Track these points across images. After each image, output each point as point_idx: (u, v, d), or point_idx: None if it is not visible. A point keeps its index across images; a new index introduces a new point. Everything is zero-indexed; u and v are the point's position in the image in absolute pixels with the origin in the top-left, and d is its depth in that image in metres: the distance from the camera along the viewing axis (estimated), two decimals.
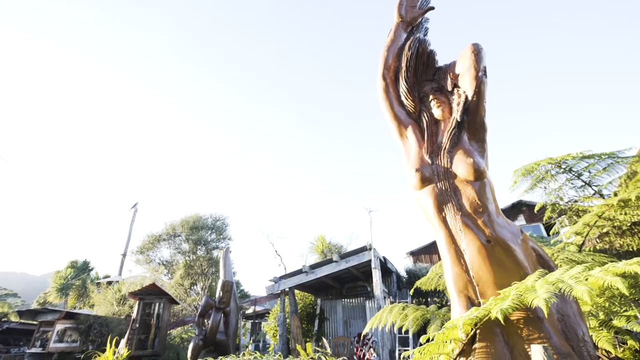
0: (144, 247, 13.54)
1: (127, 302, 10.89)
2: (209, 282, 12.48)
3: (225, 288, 6.78)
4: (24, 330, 13.23)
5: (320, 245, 12.49)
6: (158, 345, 7.53)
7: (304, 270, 8.85)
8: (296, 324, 8.62)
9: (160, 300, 7.93)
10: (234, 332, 7.21)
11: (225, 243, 14.04)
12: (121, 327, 8.72)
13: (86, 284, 19.94)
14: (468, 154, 2.49)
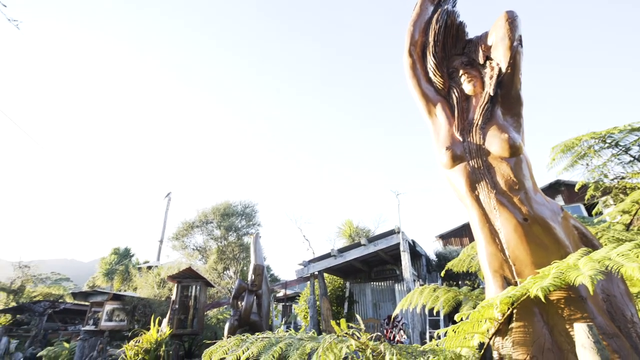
0: (178, 233, 14.29)
1: (166, 285, 11.61)
2: (240, 267, 12.98)
3: (257, 271, 7.02)
4: (78, 310, 14.44)
5: (348, 229, 12.56)
6: (197, 324, 7.99)
7: (333, 254, 8.96)
8: (326, 306, 8.81)
9: (196, 283, 8.37)
10: (266, 313, 7.48)
11: (255, 229, 14.47)
12: (162, 308, 9.30)
13: (128, 269, 21.35)
14: (502, 130, 2.37)
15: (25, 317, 13.89)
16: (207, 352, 2.24)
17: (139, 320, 9.35)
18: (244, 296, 7.10)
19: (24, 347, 12.72)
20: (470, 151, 2.48)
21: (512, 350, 1.87)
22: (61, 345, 10.17)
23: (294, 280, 10.89)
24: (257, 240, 8.18)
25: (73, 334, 13.15)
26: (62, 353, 9.79)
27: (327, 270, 9.72)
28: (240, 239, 13.78)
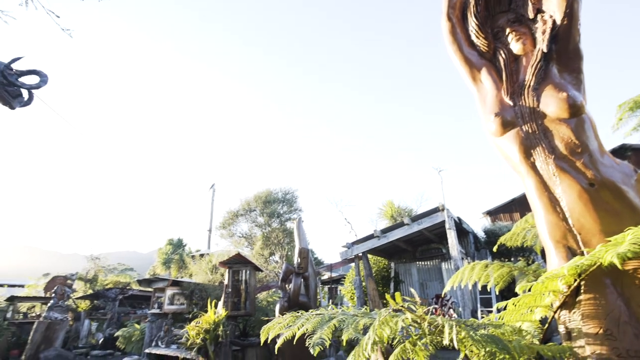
0: (225, 222, 15.08)
1: (218, 271, 12.38)
2: (285, 252, 13.42)
3: (302, 255, 7.21)
4: (143, 296, 15.88)
5: (389, 210, 12.39)
6: (249, 306, 8.46)
7: (376, 235, 8.92)
8: (372, 287, 8.87)
9: (246, 268, 8.81)
10: (314, 294, 7.70)
11: (297, 214, 14.81)
12: (217, 292, 9.92)
13: (183, 258, 22.92)
14: (559, 88, 2.16)
15: (101, 303, 15.56)
16: (265, 328, 2.36)
17: (197, 303, 10.07)
18: (291, 279, 7.35)
19: (102, 328, 14.31)
20: (523, 115, 2.30)
21: (582, 324, 1.76)
22: (133, 327, 11.31)
23: (338, 262, 11.04)
24: (300, 225, 8.37)
25: (141, 316, 14.51)
26: (134, 333, 10.89)
27: (371, 252, 9.73)
28: (283, 225, 14.21)
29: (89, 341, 13.17)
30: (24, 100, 4.44)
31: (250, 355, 7.80)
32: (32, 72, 4.50)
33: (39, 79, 4.51)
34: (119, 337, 11.29)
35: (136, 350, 10.54)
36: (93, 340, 13.45)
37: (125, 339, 11.00)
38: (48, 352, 6.66)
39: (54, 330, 7.54)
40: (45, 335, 7.37)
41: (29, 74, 4.49)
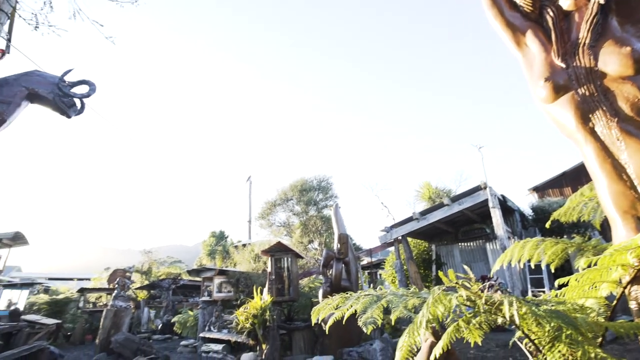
0: (263, 213, 15.57)
1: (260, 260, 12.87)
2: (324, 239, 13.61)
3: (342, 240, 7.26)
4: (192, 285, 16.91)
5: (427, 192, 12.06)
6: (293, 292, 8.72)
7: (415, 218, 8.75)
8: (414, 270, 8.76)
9: (287, 255, 9.06)
10: (355, 279, 7.77)
11: (333, 201, 14.95)
12: (260, 280, 10.32)
13: (226, 248, 24.01)
14: (622, 43, 1.94)
15: (157, 292, 16.79)
16: (315, 309, 2.43)
17: (243, 290, 10.56)
18: (332, 264, 7.46)
19: (160, 315, 15.49)
20: (578, 77, 2.10)
21: None
22: (187, 313, 12.13)
23: (377, 246, 11.01)
24: (337, 211, 8.42)
25: (193, 304, 15.50)
26: (189, 319, 11.68)
27: (410, 234, 9.57)
28: (320, 212, 14.41)
29: (149, 327, 14.33)
30: (78, 109, 4.80)
31: (297, 338, 8.08)
32: (82, 82, 4.83)
33: (89, 88, 4.83)
34: (176, 322, 12.18)
35: (191, 334, 11.32)
36: (153, 326, 14.63)
37: (181, 325, 11.85)
38: (117, 336, 7.36)
39: (120, 317, 8.29)
40: (113, 321, 8.14)
41: (79, 84, 4.83)
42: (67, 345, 11.52)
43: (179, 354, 9.11)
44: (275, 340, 7.72)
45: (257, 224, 16.32)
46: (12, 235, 9.48)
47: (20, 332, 8.72)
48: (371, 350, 6.35)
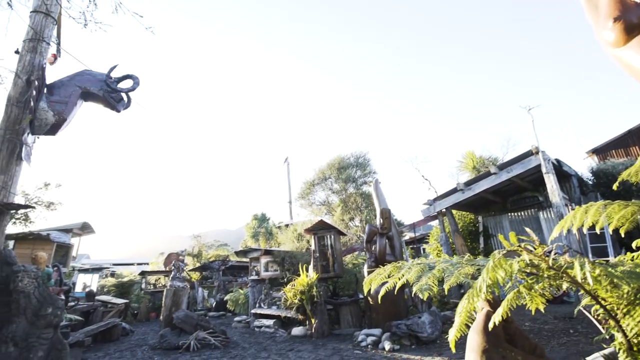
0: (303, 193, 15.84)
1: (303, 239, 13.23)
2: (365, 215, 13.61)
3: (384, 215, 7.20)
4: (240, 266, 17.82)
5: (470, 161, 11.47)
6: (337, 268, 8.89)
7: (459, 189, 8.39)
8: (460, 242, 8.50)
9: (329, 233, 9.20)
10: (399, 254, 7.72)
11: (371, 177, 14.79)
12: (305, 258, 10.62)
13: (269, 230, 24.84)
14: None
15: (208, 273, 17.94)
16: (367, 280, 2.44)
17: (288, 269, 10.95)
18: (375, 240, 7.46)
19: (212, 294, 16.60)
20: None
21: None
22: (238, 292, 12.86)
23: (421, 220, 10.78)
24: (378, 186, 8.32)
25: (242, 283, 16.38)
26: (239, 297, 12.40)
27: (454, 206, 9.22)
28: (359, 189, 14.37)
29: (204, 305, 15.43)
30: (125, 103, 5.06)
31: (344, 312, 8.28)
32: (126, 77, 5.06)
33: (133, 82, 5.05)
34: (228, 300, 13.00)
35: (243, 311, 12.04)
36: (207, 304, 15.73)
37: (233, 302, 12.62)
38: (178, 313, 8.00)
39: (179, 296, 9.00)
40: (173, 300, 8.85)
41: (124, 79, 5.06)
42: (135, 322, 12.77)
43: (233, 329, 9.73)
44: (324, 315, 7.98)
45: (297, 204, 16.70)
46: (81, 225, 10.52)
47: (96, 311, 9.79)
48: (420, 322, 6.35)
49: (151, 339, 8.76)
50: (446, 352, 5.46)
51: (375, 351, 6.04)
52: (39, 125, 4.20)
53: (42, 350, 2.85)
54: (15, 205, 3.24)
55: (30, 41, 4.43)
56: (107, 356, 7.03)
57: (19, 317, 2.86)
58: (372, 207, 14.23)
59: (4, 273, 3.02)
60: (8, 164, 3.46)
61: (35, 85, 4.10)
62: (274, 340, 7.82)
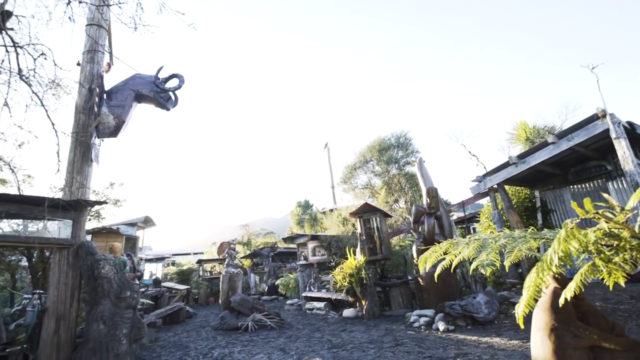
0: (344, 177, 15.83)
1: (348, 223, 13.32)
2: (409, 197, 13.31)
3: (431, 194, 6.98)
4: (287, 252, 18.41)
5: (523, 132, 10.58)
6: (385, 251, 8.85)
7: (512, 162, 7.82)
8: (515, 219, 8.01)
9: (375, 215, 9.15)
10: (449, 233, 7.47)
11: (414, 156, 14.36)
12: (351, 241, 10.69)
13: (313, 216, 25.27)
14: None
15: (258, 260, 18.78)
16: (422, 258, 2.41)
17: (335, 253, 11.11)
18: (423, 220, 7.28)
19: (263, 279, 17.42)
20: None
21: None
22: (288, 277, 13.36)
23: (470, 198, 10.29)
24: (422, 165, 8.06)
25: (290, 269, 16.95)
26: (290, 281, 12.88)
27: (507, 182, 8.62)
28: (402, 170, 14.03)
29: (257, 290, 16.25)
30: (173, 101, 5.34)
31: (395, 294, 8.26)
32: (172, 76, 5.33)
33: (178, 81, 5.30)
34: (279, 285, 13.56)
35: (294, 294, 12.50)
36: (260, 288, 16.55)
37: (284, 286, 13.15)
38: (235, 297, 8.52)
39: (234, 281, 9.56)
40: (229, 285, 9.44)
41: (170, 78, 5.33)
42: (196, 306, 13.83)
43: (286, 312, 10.16)
44: (374, 297, 8.03)
45: (339, 189, 16.77)
46: (144, 219, 11.49)
47: (163, 296, 10.74)
48: (475, 303, 6.15)
49: (212, 320, 9.44)
50: (505, 333, 5.26)
51: (429, 332, 5.98)
52: (102, 129, 4.60)
53: (125, 327, 3.20)
54: (92, 202, 3.63)
55: (88, 52, 4.81)
56: (176, 335, 7.71)
57: (105, 299, 3.22)
58: (416, 188, 13.84)
59: (89, 262, 3.40)
60: (82, 166, 3.86)
61: (96, 93, 4.48)
62: (326, 321, 8.04)
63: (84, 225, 3.69)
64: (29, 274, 8.03)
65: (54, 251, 3.45)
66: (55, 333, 3.14)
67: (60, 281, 3.32)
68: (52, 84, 2.95)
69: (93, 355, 2.96)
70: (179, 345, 6.61)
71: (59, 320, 3.19)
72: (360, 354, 5.01)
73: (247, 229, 25.74)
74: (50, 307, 3.20)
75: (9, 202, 2.88)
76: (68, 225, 3.70)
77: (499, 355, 4.22)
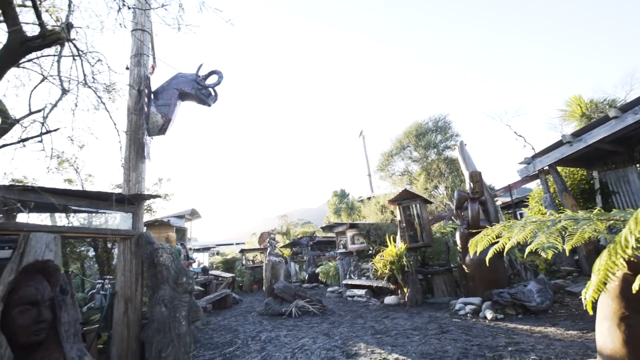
0: (381, 164, 15.58)
1: (386, 210, 13.16)
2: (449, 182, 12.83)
3: (475, 178, 6.68)
4: (326, 241, 18.64)
5: (577, 108, 9.62)
6: (426, 238, 8.65)
7: (565, 141, 7.21)
8: (570, 203, 7.44)
9: (415, 202, 8.94)
10: (494, 219, 7.14)
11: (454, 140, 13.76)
12: (390, 229, 10.57)
13: (349, 205, 25.28)
14: None
15: (297, 249, 19.21)
16: (473, 241, 2.33)
17: (374, 241, 11.06)
18: (466, 206, 7.00)
19: (303, 268, 17.81)
20: None
21: None
22: (327, 265, 13.56)
23: (517, 182, 9.68)
24: (463, 148, 7.72)
25: (329, 257, 17.17)
26: (330, 269, 13.06)
27: (560, 163, 7.97)
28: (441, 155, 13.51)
29: (297, 278, 16.67)
30: (214, 97, 5.54)
31: (438, 281, 8.10)
32: (211, 73, 5.51)
33: (218, 77, 5.48)
34: (319, 273, 13.81)
35: (334, 282, 12.68)
36: (300, 276, 16.95)
37: (324, 274, 13.37)
38: (278, 284, 8.82)
39: (277, 269, 9.88)
40: (272, 273, 9.77)
41: (210, 75, 5.52)
42: (241, 293, 14.50)
43: (327, 299, 10.35)
44: (416, 284, 7.93)
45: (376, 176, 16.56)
46: (190, 211, 12.18)
47: (211, 283, 11.38)
48: (526, 291, 5.87)
49: (257, 306, 9.87)
50: (561, 323, 4.97)
51: (475, 320, 5.82)
52: (152, 128, 4.90)
53: (184, 310, 3.45)
54: (148, 196, 3.92)
55: (134, 56, 5.11)
56: (225, 320, 8.17)
57: (164, 285, 3.48)
58: (456, 173, 13.29)
59: (148, 250, 3.69)
60: (137, 162, 4.17)
61: (145, 94, 4.77)
62: (367, 308, 8.10)
63: (142, 218, 4.00)
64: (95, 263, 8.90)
65: (118, 241, 3.79)
66: (124, 314, 3.46)
67: (126, 268, 3.64)
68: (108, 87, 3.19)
69: (158, 334, 3.22)
70: (229, 329, 7.01)
71: (127, 302, 3.51)
72: (404, 340, 5.00)
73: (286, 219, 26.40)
74: (119, 291, 3.53)
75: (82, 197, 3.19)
76: (128, 217, 4.03)
77: (555, 345, 4.01)
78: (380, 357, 4.31)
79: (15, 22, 2.18)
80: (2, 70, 2.36)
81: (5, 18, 2.15)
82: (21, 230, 2.65)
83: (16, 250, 2.29)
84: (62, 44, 2.30)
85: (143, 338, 3.25)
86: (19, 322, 2.14)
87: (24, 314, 2.17)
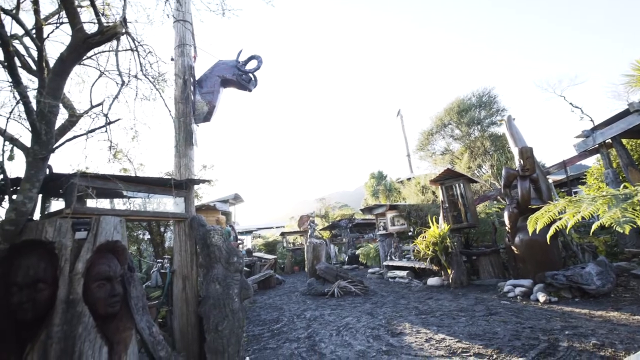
0: (421, 144, 15.06)
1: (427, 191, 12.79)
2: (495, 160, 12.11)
3: (525, 155, 6.25)
4: (365, 223, 18.63)
5: None
6: (471, 218, 8.33)
7: (633, 110, 6.47)
8: (637, 178, 6.74)
9: (458, 181, 8.59)
10: (547, 197, 6.68)
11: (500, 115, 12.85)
12: (431, 210, 10.30)
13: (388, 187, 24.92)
14: None
15: (337, 231, 19.41)
16: (532, 218, 2.21)
17: (415, 222, 10.85)
18: (516, 184, 6.61)
19: (342, 250, 18.01)
20: None
21: None
22: (368, 246, 13.60)
23: (573, 157, 8.90)
24: (512, 123, 7.21)
25: (368, 239, 17.19)
26: (370, 251, 13.10)
27: (626, 134, 7.18)
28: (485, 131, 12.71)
29: (338, 259, 16.92)
30: (254, 82, 5.62)
31: (484, 263, 7.82)
32: (251, 58, 5.57)
33: (257, 62, 5.53)
34: (359, 254, 13.91)
35: (375, 263, 12.71)
36: (340, 258, 17.19)
37: (365, 256, 13.44)
38: (320, 265, 9.03)
39: (318, 251, 10.09)
40: (314, 254, 10.00)
41: (249, 60, 5.59)
42: (283, 274, 15.04)
43: (368, 280, 10.43)
44: (460, 265, 7.73)
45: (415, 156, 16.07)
46: (234, 196, 12.72)
47: (255, 264, 11.91)
48: (584, 273, 5.49)
49: (300, 287, 10.21)
50: (626, 308, 4.62)
51: (526, 302, 5.58)
52: (197, 115, 5.11)
53: (236, 288, 3.66)
54: (198, 180, 4.14)
55: (178, 47, 5.30)
56: (270, 299, 8.56)
57: (217, 264, 3.70)
58: (502, 151, 12.50)
59: (201, 232, 3.92)
60: (186, 149, 4.39)
61: (190, 83, 4.95)
62: (409, 289, 8.06)
63: (193, 202, 4.24)
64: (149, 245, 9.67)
65: (173, 224, 4.06)
66: (183, 290, 3.75)
67: (182, 249, 3.91)
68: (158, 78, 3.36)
69: (214, 309, 3.45)
70: (274, 307, 7.35)
71: (184, 280, 3.79)
72: (450, 320, 4.94)
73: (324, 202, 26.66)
74: (177, 269, 3.82)
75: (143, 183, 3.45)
76: (180, 202, 4.29)
77: (619, 330, 3.75)
78: (426, 336, 4.31)
79: (78, 21, 2.35)
80: (69, 68, 2.57)
81: (69, 18, 2.32)
82: (93, 213, 2.94)
83: (90, 232, 2.55)
84: (118, 38, 2.45)
85: (201, 313, 3.51)
86: (97, 295, 2.40)
87: (101, 288, 2.43)
